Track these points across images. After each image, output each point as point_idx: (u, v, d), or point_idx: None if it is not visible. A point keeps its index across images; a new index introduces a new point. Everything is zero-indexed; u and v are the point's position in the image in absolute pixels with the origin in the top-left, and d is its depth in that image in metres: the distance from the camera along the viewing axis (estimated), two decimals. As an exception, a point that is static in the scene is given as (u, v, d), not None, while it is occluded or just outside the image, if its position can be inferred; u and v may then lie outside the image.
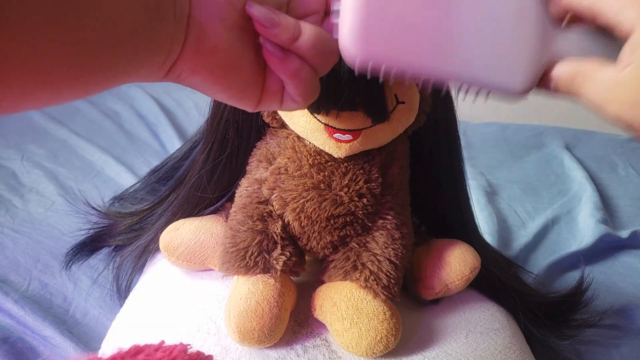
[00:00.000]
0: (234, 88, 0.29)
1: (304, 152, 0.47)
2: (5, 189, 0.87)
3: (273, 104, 0.31)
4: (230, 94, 0.29)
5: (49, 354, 0.58)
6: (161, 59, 0.26)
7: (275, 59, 0.28)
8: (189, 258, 0.51)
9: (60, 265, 0.68)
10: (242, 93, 0.29)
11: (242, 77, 0.29)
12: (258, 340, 0.43)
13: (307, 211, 0.46)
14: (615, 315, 0.70)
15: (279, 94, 0.30)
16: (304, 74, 0.29)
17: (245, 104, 0.30)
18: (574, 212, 0.95)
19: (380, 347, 0.43)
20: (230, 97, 0.30)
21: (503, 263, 0.66)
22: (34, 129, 1.09)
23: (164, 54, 0.26)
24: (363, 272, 0.46)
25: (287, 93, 0.30)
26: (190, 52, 0.26)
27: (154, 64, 0.26)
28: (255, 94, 0.30)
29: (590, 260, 0.81)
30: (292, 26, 0.27)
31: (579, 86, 0.28)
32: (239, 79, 0.29)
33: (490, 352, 0.47)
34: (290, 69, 0.28)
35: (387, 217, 0.48)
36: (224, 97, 0.30)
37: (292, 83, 0.29)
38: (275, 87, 0.30)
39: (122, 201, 0.75)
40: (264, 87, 0.30)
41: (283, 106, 0.31)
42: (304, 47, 0.28)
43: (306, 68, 0.29)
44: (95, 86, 0.24)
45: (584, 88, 0.27)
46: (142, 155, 1.04)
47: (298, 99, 0.30)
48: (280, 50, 0.28)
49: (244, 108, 0.31)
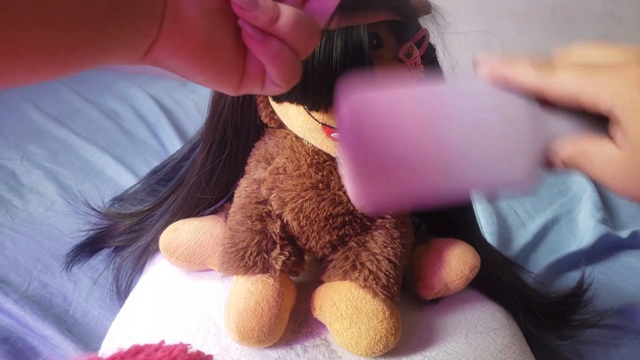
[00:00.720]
0: (213, 71, 0.29)
1: (302, 152, 0.47)
2: (5, 189, 0.87)
3: (254, 87, 0.30)
4: (209, 77, 0.29)
5: (49, 354, 0.58)
6: (138, 39, 0.25)
7: (254, 41, 0.28)
8: (189, 258, 0.51)
9: (61, 266, 0.69)
10: (222, 76, 0.29)
11: (221, 60, 0.28)
12: (257, 340, 0.43)
13: (305, 211, 0.46)
14: (616, 315, 0.69)
15: (259, 78, 0.30)
16: (284, 57, 0.28)
17: (226, 87, 0.30)
18: (574, 212, 0.95)
19: (379, 347, 0.43)
20: (210, 80, 0.29)
21: (503, 263, 0.66)
22: (34, 129, 1.09)
23: (140, 34, 0.25)
24: (362, 271, 0.46)
25: (268, 76, 0.30)
26: (167, 33, 0.26)
27: (131, 45, 0.25)
28: (235, 77, 0.29)
29: (590, 260, 0.81)
30: (270, 8, 0.27)
31: (583, 164, 0.28)
32: (218, 62, 0.28)
33: (490, 352, 0.47)
34: (270, 51, 0.28)
35: (385, 216, 0.48)
36: (203, 80, 0.29)
37: (272, 66, 0.29)
38: (256, 71, 0.30)
39: (122, 202, 0.75)
40: (245, 71, 0.30)
41: (265, 90, 0.31)
42: (283, 29, 0.27)
43: (286, 50, 0.28)
44: (71, 65, 0.24)
45: (588, 165, 0.28)
46: (142, 155, 1.05)
47: (279, 82, 0.30)
48: (259, 33, 0.27)
49: (225, 91, 0.30)
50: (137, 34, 0.25)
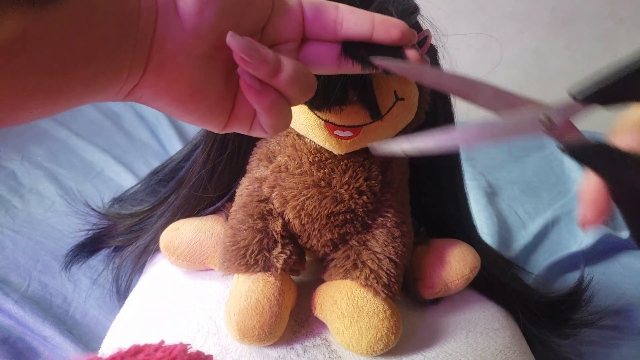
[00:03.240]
0: (197, 114, 0.28)
1: (304, 150, 0.47)
2: (5, 189, 0.87)
3: (242, 129, 0.30)
4: (194, 119, 0.29)
5: (49, 354, 0.58)
6: (118, 84, 0.25)
7: (252, 91, 0.27)
8: (189, 258, 0.51)
9: (60, 266, 0.68)
10: (207, 117, 0.29)
11: (206, 104, 0.28)
12: (258, 338, 0.43)
13: (307, 209, 0.46)
14: (616, 315, 0.69)
15: (248, 121, 0.30)
16: (279, 107, 0.28)
17: (211, 127, 0.30)
18: (574, 213, 0.94)
19: (380, 346, 0.43)
20: (195, 121, 0.29)
21: (502, 263, 0.66)
22: (34, 130, 1.09)
23: (122, 80, 0.25)
24: (363, 270, 0.46)
25: (257, 121, 0.30)
26: (150, 79, 0.26)
27: (111, 89, 0.25)
28: (221, 119, 0.29)
29: (590, 261, 0.81)
30: (272, 61, 0.26)
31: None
32: (203, 106, 0.28)
33: (490, 352, 0.47)
34: (267, 102, 0.28)
35: (387, 215, 0.48)
36: (188, 120, 0.29)
37: (265, 114, 0.28)
38: (245, 114, 0.29)
39: (122, 202, 0.75)
40: (233, 113, 0.29)
41: (251, 132, 0.30)
42: (283, 82, 0.27)
43: (282, 102, 0.28)
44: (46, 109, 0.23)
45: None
46: (142, 155, 1.04)
47: (268, 129, 0.30)
48: (258, 83, 0.27)
49: (210, 129, 0.30)
50: (119, 80, 0.25)
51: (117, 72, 0.24)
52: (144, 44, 0.25)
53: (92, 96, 0.25)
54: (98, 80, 0.24)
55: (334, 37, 0.29)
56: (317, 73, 0.31)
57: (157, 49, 0.25)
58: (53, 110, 0.24)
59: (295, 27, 0.29)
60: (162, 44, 0.25)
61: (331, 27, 0.29)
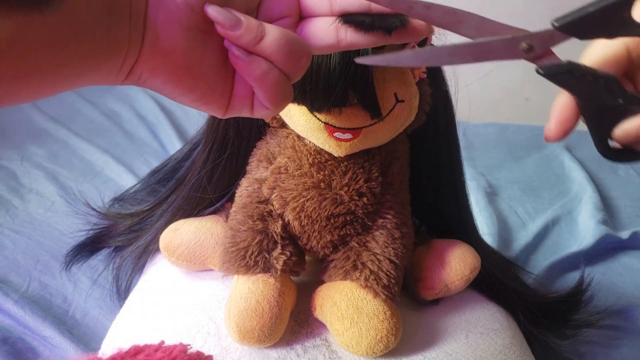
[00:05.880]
0: (197, 92, 0.28)
1: (304, 152, 0.47)
2: (5, 189, 0.87)
3: (243, 110, 0.30)
4: (194, 98, 0.28)
5: (49, 354, 0.58)
6: (119, 60, 0.25)
7: (240, 62, 0.27)
8: (189, 258, 0.51)
9: (60, 266, 0.68)
10: (207, 98, 0.28)
11: (205, 81, 0.28)
12: (258, 340, 0.43)
13: (307, 210, 0.46)
14: (616, 315, 0.69)
15: (248, 100, 0.29)
16: (272, 78, 0.27)
17: (213, 109, 0.29)
18: (574, 213, 0.95)
19: (380, 347, 0.43)
20: (195, 101, 0.29)
21: (502, 263, 0.66)
22: (34, 130, 1.09)
23: (121, 55, 0.25)
24: (363, 271, 0.46)
25: (257, 99, 0.29)
26: (148, 53, 0.26)
27: (112, 66, 0.25)
28: (222, 99, 0.29)
29: (590, 261, 0.81)
30: (254, 27, 0.26)
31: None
32: (202, 83, 0.28)
33: (490, 353, 0.47)
34: (256, 72, 0.27)
35: (387, 216, 0.48)
36: (188, 101, 0.29)
37: (259, 87, 0.28)
38: (244, 93, 0.29)
39: (122, 202, 0.75)
40: (233, 93, 0.29)
41: (254, 112, 0.30)
42: (269, 48, 0.26)
43: (274, 71, 0.27)
44: (45, 89, 0.23)
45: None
46: (142, 155, 1.04)
47: (267, 104, 0.29)
48: (245, 53, 0.27)
49: (212, 113, 0.30)
50: (119, 56, 0.25)
51: (116, 47, 0.25)
52: (139, 16, 0.25)
53: (93, 76, 0.25)
54: (98, 57, 0.24)
55: (330, 10, 0.29)
56: (319, 52, 0.30)
57: (152, 21, 0.25)
58: (54, 88, 0.24)
59: (290, 1, 0.29)
60: (155, 15, 0.25)
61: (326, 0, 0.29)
